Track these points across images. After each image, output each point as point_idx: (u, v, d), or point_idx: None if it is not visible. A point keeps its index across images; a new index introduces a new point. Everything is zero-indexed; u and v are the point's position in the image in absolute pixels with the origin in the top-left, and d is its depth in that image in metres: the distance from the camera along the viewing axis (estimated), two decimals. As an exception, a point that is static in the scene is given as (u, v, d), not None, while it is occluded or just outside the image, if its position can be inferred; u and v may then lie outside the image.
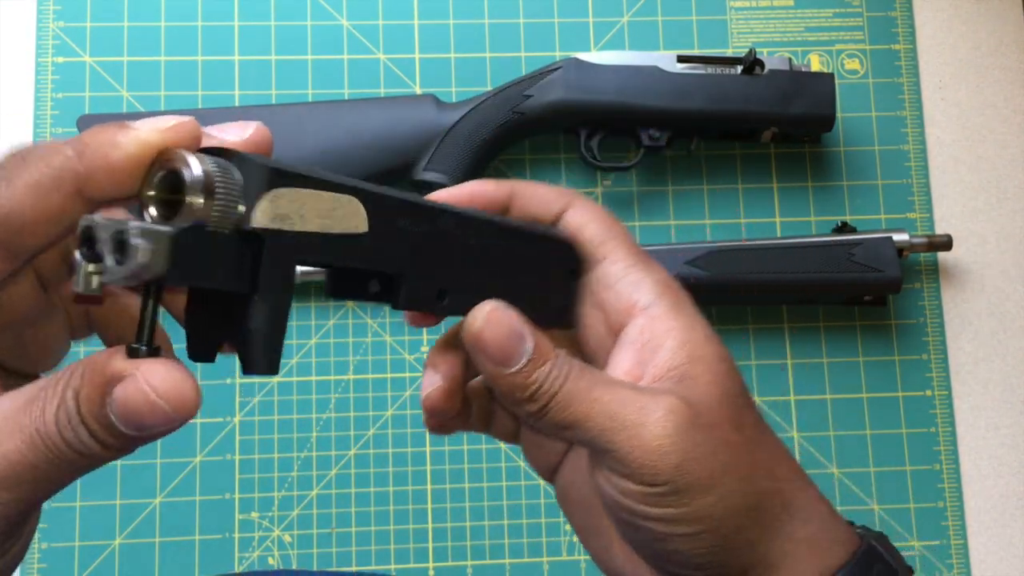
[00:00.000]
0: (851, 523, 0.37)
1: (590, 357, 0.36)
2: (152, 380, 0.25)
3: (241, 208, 0.26)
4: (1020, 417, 0.71)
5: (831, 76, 0.69)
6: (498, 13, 0.74)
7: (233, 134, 0.29)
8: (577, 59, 0.69)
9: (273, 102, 0.72)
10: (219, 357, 0.28)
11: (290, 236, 0.27)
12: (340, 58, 0.73)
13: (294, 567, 0.66)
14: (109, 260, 0.24)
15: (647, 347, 0.33)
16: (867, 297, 0.69)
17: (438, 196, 0.35)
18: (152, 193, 0.27)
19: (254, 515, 0.66)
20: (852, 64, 0.75)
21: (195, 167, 0.25)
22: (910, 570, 0.36)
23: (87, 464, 0.26)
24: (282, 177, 0.27)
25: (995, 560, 0.69)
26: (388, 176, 0.68)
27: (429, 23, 0.74)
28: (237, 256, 0.26)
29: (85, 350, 0.64)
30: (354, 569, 0.66)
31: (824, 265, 0.67)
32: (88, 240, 0.25)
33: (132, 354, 0.25)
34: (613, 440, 0.31)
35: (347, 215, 0.29)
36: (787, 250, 0.67)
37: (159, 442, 0.66)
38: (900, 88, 0.75)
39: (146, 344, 0.26)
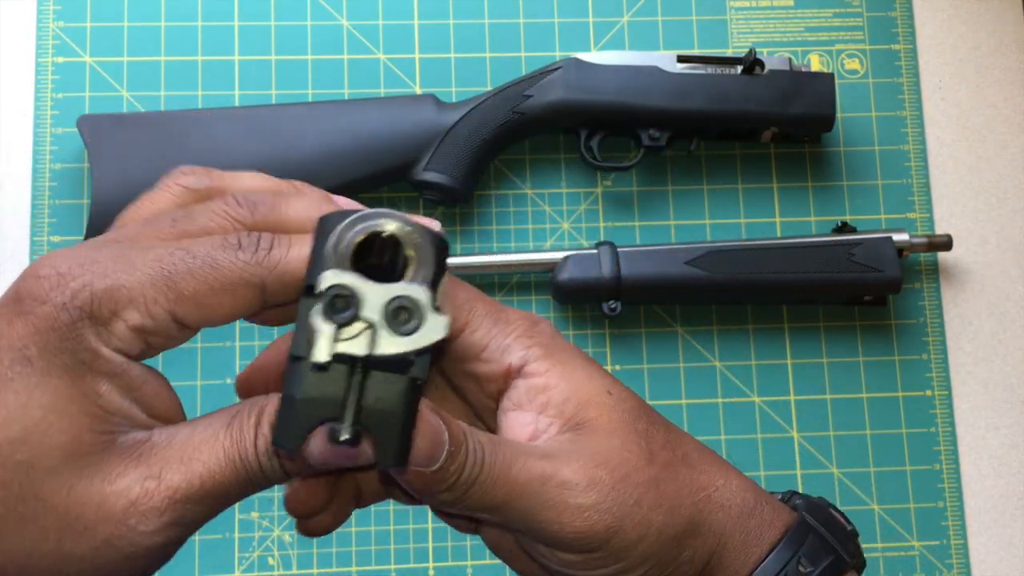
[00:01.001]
0: (793, 494, 0.37)
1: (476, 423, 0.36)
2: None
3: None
4: (1020, 417, 0.71)
5: (831, 76, 0.69)
6: (498, 13, 0.74)
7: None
8: (577, 59, 0.69)
9: (273, 102, 0.72)
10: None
11: None
12: (340, 58, 0.73)
13: (294, 567, 0.66)
14: (389, 329, 0.24)
15: (534, 406, 0.33)
16: (867, 297, 0.69)
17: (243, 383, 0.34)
18: (349, 257, 0.25)
19: (254, 515, 0.66)
20: (852, 64, 0.75)
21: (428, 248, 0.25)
22: (854, 533, 0.36)
23: (266, 485, 0.29)
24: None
25: (995, 560, 0.69)
26: (388, 176, 0.68)
27: (429, 23, 0.74)
28: None
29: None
30: (354, 570, 0.66)
31: (824, 265, 0.67)
32: (343, 302, 0.24)
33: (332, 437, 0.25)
34: (540, 519, 0.31)
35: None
36: (787, 250, 0.67)
37: (159, 442, 0.66)
38: (900, 88, 0.75)
39: (351, 428, 0.25)
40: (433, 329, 0.24)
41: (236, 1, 0.73)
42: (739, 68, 0.69)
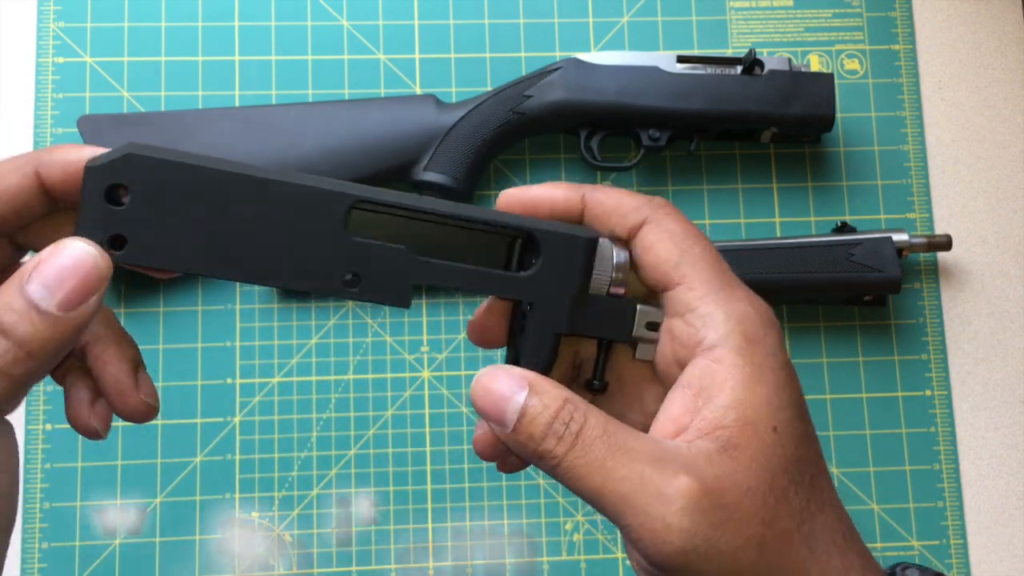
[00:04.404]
0: (907, 568, 0.35)
1: (660, 381, 0.35)
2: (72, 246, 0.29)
3: None
4: (1020, 417, 0.71)
5: (831, 76, 0.69)
6: (498, 13, 0.74)
7: None
8: (577, 59, 0.69)
9: (273, 102, 0.72)
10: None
11: None
12: (340, 58, 0.73)
13: (294, 567, 0.66)
14: (649, 333, 0.34)
15: (702, 394, 0.31)
16: (867, 297, 0.69)
17: (506, 199, 0.35)
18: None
19: (254, 515, 0.66)
20: (852, 64, 0.75)
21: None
22: None
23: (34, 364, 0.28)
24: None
25: (995, 560, 0.69)
26: (388, 176, 0.68)
27: (429, 23, 0.74)
28: None
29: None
30: (354, 570, 0.66)
31: (824, 265, 0.67)
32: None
33: None
34: (626, 521, 0.29)
35: None
36: (787, 250, 0.67)
37: (159, 442, 0.66)
38: (900, 88, 0.75)
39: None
40: None
41: (236, 1, 0.73)
42: (739, 68, 0.69)
